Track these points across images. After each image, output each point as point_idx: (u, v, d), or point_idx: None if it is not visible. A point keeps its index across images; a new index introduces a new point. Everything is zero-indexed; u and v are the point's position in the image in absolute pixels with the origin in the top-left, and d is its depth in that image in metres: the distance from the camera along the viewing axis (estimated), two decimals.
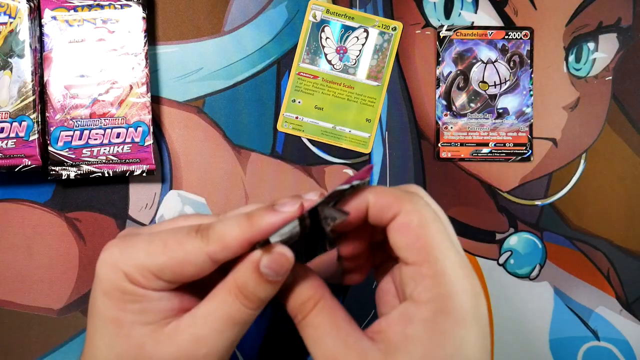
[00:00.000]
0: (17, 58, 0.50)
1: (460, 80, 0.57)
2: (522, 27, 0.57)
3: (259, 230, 0.34)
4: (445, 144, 0.57)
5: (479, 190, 0.57)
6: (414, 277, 0.34)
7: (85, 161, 0.52)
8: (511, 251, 0.57)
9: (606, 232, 0.57)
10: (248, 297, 0.34)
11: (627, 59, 0.58)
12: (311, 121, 0.57)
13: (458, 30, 0.57)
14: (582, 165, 0.58)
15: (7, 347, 0.54)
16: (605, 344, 0.57)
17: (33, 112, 0.50)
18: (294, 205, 0.34)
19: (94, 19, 0.52)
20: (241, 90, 0.56)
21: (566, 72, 0.57)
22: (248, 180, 0.56)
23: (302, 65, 0.56)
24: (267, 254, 0.34)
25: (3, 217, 0.54)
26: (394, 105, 0.57)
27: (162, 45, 0.55)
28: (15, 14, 0.50)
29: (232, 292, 0.35)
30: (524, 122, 0.57)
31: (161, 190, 0.55)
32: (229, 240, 0.34)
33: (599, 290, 0.57)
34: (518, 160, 0.57)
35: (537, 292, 0.57)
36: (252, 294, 0.34)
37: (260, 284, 0.34)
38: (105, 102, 0.52)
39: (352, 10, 0.56)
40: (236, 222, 0.34)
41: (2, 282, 0.54)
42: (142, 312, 0.35)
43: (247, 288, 0.34)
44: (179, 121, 0.55)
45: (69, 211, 0.55)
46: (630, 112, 0.58)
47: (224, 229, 0.34)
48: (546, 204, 0.57)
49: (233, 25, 0.56)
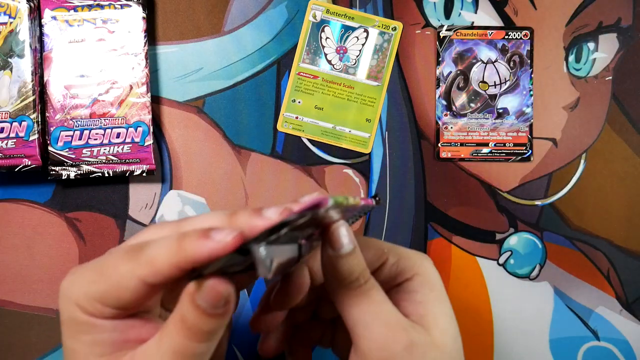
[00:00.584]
0: (17, 58, 0.50)
1: (460, 80, 0.57)
2: (522, 27, 0.57)
3: (184, 259, 0.30)
4: (445, 144, 0.57)
5: (479, 190, 0.57)
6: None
7: (85, 161, 0.52)
8: (511, 251, 0.57)
9: (606, 232, 0.57)
10: (192, 331, 0.31)
11: (627, 59, 0.58)
12: (311, 121, 0.57)
13: (458, 30, 0.57)
14: (582, 165, 0.58)
15: (7, 347, 0.54)
16: (605, 344, 0.57)
17: (33, 112, 0.50)
18: (228, 235, 0.30)
19: (94, 19, 0.52)
20: (241, 90, 0.56)
21: (566, 72, 0.57)
22: (248, 180, 0.56)
23: (302, 65, 0.56)
24: (200, 287, 0.30)
25: (3, 217, 0.54)
26: (394, 105, 0.57)
27: (162, 45, 0.55)
28: (15, 14, 0.50)
29: (176, 325, 0.31)
30: (524, 122, 0.57)
31: (161, 190, 0.55)
32: (158, 265, 0.31)
33: (599, 290, 0.57)
34: (518, 160, 0.57)
35: (537, 292, 0.57)
36: (195, 328, 0.31)
37: (201, 317, 0.31)
38: (105, 102, 0.52)
39: (352, 10, 0.56)
40: (166, 245, 0.31)
41: (2, 282, 0.54)
42: (95, 343, 0.33)
43: (188, 321, 0.31)
44: (179, 121, 0.55)
45: (69, 211, 0.55)
46: (630, 112, 0.58)
47: (154, 251, 0.31)
48: (546, 204, 0.57)
49: (233, 25, 0.56)
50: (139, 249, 0.32)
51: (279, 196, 0.56)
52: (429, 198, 0.57)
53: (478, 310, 0.57)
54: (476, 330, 0.57)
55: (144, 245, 0.32)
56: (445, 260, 0.57)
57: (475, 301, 0.57)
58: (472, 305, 0.57)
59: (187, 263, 0.30)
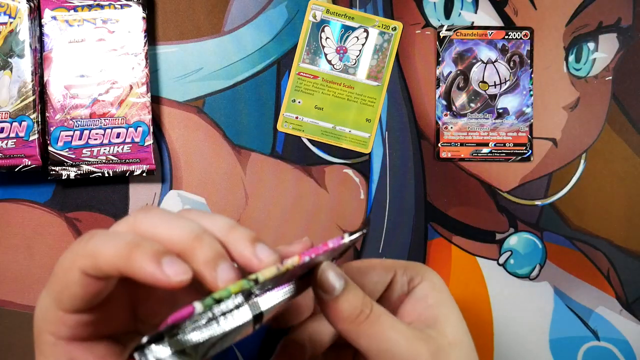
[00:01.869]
0: (17, 58, 0.50)
1: (460, 80, 0.57)
2: (522, 27, 0.57)
3: (127, 269, 0.29)
4: (445, 144, 0.57)
5: (479, 190, 0.57)
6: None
7: (85, 161, 0.52)
8: (511, 251, 0.57)
9: (606, 232, 0.57)
10: None
11: (627, 59, 0.58)
12: (311, 121, 0.57)
13: (458, 30, 0.57)
14: (582, 165, 0.58)
15: (7, 347, 0.54)
16: (605, 344, 0.57)
17: (33, 112, 0.50)
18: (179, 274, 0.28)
19: (94, 19, 0.52)
20: (241, 90, 0.56)
21: (566, 72, 0.57)
22: (248, 180, 0.56)
23: (302, 65, 0.56)
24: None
25: (3, 217, 0.54)
26: (394, 105, 0.57)
27: (162, 45, 0.55)
28: (15, 14, 0.50)
29: None
30: (524, 122, 0.57)
31: (161, 190, 0.55)
32: (100, 260, 0.29)
33: (599, 290, 0.57)
34: (518, 160, 0.57)
35: (537, 292, 0.57)
36: None
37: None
38: (105, 102, 0.52)
39: (352, 10, 0.56)
40: (116, 245, 0.29)
41: (2, 282, 0.54)
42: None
43: None
44: (179, 121, 0.55)
45: (69, 211, 0.55)
46: (630, 112, 0.58)
47: (101, 245, 0.30)
48: (546, 204, 0.57)
49: (233, 25, 0.56)
50: (88, 238, 0.30)
51: (278, 196, 0.56)
52: (429, 198, 0.57)
53: (478, 311, 0.57)
54: (476, 331, 0.57)
55: (94, 235, 0.30)
56: (445, 260, 0.57)
57: (475, 301, 0.57)
58: (472, 305, 0.57)
59: (129, 274, 0.29)
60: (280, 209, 0.56)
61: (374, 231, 0.56)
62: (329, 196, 0.56)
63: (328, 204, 0.56)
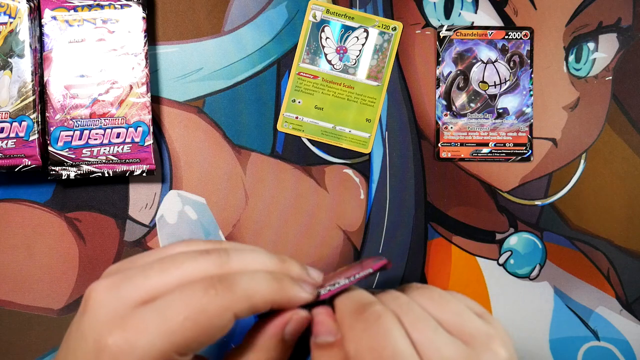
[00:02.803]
0: (17, 58, 0.50)
1: (460, 80, 0.57)
2: (522, 27, 0.57)
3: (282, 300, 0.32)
4: (445, 144, 0.57)
5: (479, 190, 0.57)
6: None
7: (85, 161, 0.52)
8: (511, 251, 0.57)
9: (606, 232, 0.57)
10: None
11: (627, 59, 0.58)
12: (311, 121, 0.57)
13: (458, 30, 0.57)
14: (582, 165, 0.58)
15: (7, 347, 0.54)
16: (605, 344, 0.57)
17: (33, 112, 0.50)
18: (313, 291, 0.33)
19: (94, 19, 0.52)
20: (241, 90, 0.56)
21: (566, 72, 0.57)
22: (248, 180, 0.56)
23: (302, 65, 0.56)
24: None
25: (3, 217, 0.54)
26: (394, 105, 0.57)
27: (162, 45, 0.55)
28: (15, 14, 0.50)
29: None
30: (524, 122, 0.57)
31: (161, 190, 0.55)
32: (257, 300, 0.31)
33: (599, 290, 0.57)
34: (518, 160, 0.57)
35: (537, 292, 0.57)
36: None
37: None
38: (105, 102, 0.52)
39: (352, 10, 0.56)
40: (266, 282, 0.32)
41: (2, 282, 0.54)
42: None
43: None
44: (179, 121, 0.55)
45: (69, 211, 0.55)
46: (630, 112, 0.58)
47: (252, 286, 0.31)
48: (546, 204, 0.57)
49: (233, 25, 0.56)
50: (225, 282, 0.31)
51: (278, 196, 0.56)
52: (429, 198, 0.57)
53: None
54: None
55: (229, 278, 0.31)
56: (445, 260, 0.57)
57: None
58: None
59: (283, 304, 0.32)
60: (280, 209, 0.56)
61: (374, 231, 0.56)
62: (329, 196, 0.56)
63: (328, 204, 0.56)
